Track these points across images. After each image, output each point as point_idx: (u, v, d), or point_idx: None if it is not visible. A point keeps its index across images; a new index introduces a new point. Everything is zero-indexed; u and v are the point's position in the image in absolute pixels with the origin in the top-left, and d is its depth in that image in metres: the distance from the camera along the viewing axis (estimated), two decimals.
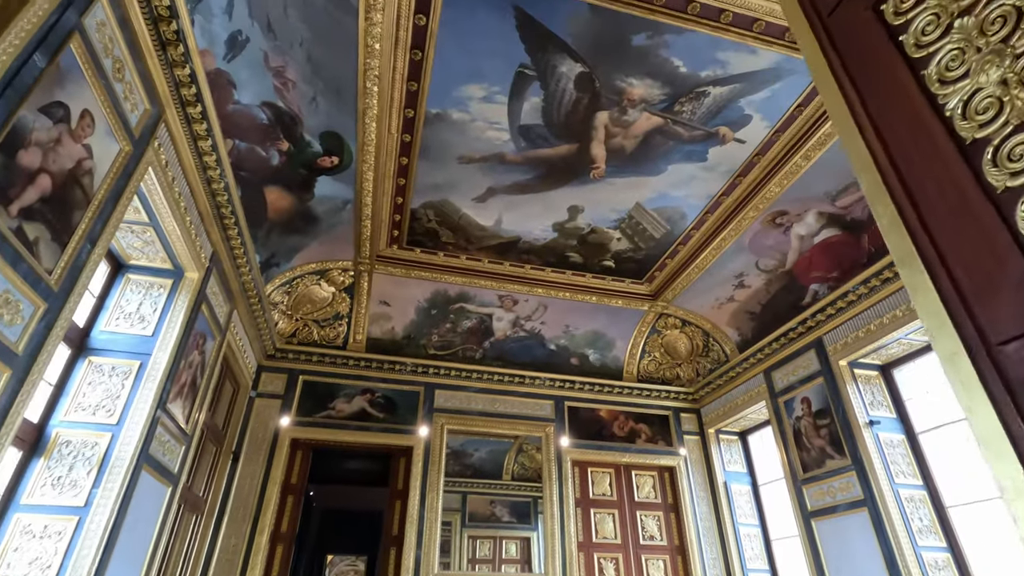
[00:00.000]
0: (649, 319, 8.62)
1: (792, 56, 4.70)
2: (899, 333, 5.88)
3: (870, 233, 6.05)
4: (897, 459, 5.96)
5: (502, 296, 8.01)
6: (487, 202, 6.39)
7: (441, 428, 7.80)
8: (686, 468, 8.49)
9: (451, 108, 5.18)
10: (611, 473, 8.31)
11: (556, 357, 8.74)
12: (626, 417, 8.69)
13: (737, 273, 7.40)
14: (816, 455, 6.65)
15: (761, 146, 5.63)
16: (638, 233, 6.91)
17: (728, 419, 8.44)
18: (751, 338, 7.92)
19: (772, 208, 6.32)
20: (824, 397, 6.63)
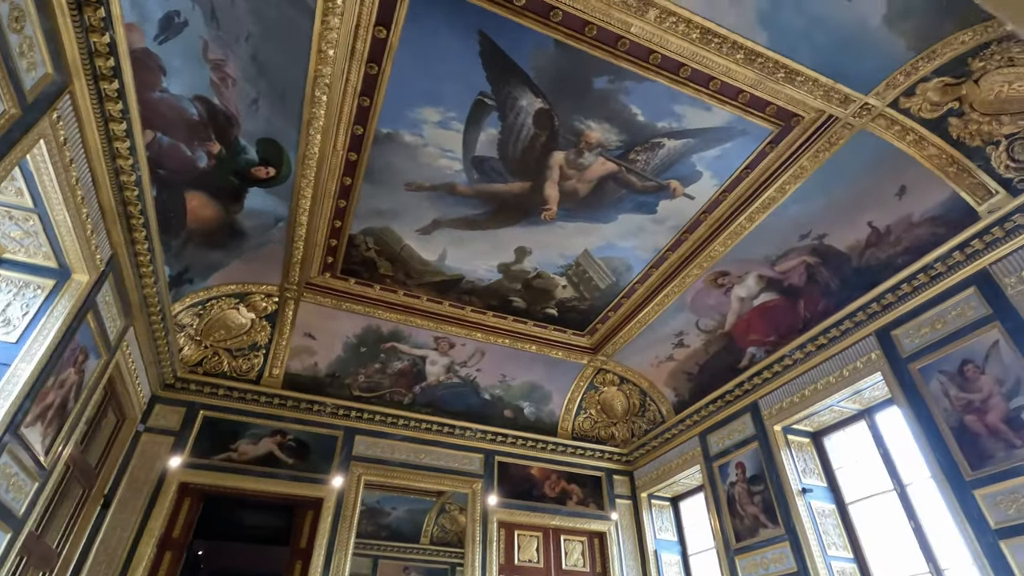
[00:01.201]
0: (588, 374, 8.40)
1: (744, 117, 4.85)
2: (831, 400, 5.93)
3: (806, 299, 6.20)
4: (829, 529, 5.86)
5: (438, 338, 7.58)
6: (432, 235, 6.08)
7: (358, 479, 7.05)
8: (617, 534, 8.08)
9: (404, 130, 4.95)
10: (539, 537, 7.76)
11: (490, 408, 8.29)
12: (558, 477, 8.25)
13: (677, 332, 7.39)
14: (750, 523, 6.46)
15: (709, 204, 5.72)
16: (584, 282, 6.79)
17: (661, 483, 8.19)
18: (688, 399, 7.83)
19: (715, 268, 6.40)
20: (759, 463, 6.53)
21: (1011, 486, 4.21)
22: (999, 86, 4.31)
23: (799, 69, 4.38)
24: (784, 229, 5.82)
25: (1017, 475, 4.19)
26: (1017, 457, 4.23)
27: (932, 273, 5.04)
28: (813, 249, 5.89)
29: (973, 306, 4.76)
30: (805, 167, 5.19)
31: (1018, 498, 4.17)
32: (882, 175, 5.12)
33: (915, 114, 4.68)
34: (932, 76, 4.42)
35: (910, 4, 3.88)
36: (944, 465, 4.67)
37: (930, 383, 4.94)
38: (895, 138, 4.84)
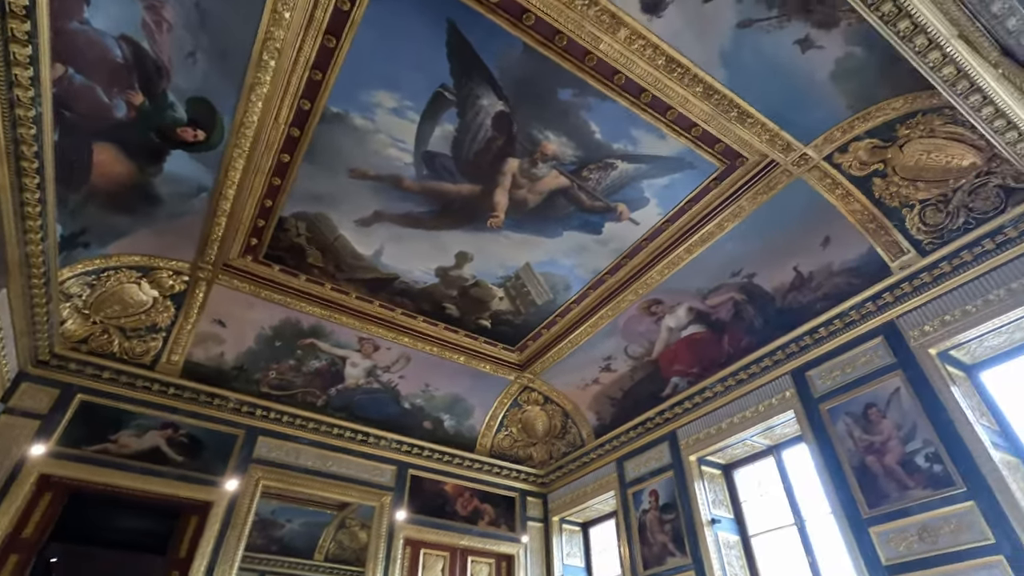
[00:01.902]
0: (513, 390, 8.27)
1: (695, 151, 5.00)
2: (745, 434, 6.14)
3: (731, 335, 6.44)
4: (732, 560, 6.00)
5: (363, 339, 7.18)
6: (371, 228, 5.78)
7: (256, 483, 6.46)
8: (525, 558, 7.90)
9: (355, 112, 4.68)
10: (446, 557, 7.43)
11: (409, 418, 7.93)
12: (472, 495, 7.99)
13: (606, 355, 7.44)
14: (658, 551, 6.51)
15: (651, 231, 5.83)
16: (521, 296, 6.69)
17: (574, 508, 8.14)
18: (609, 424, 7.88)
19: (650, 295, 6.52)
20: (672, 492, 6.62)
21: (902, 525, 4.47)
22: (919, 154, 4.71)
23: (750, 111, 4.57)
24: (718, 265, 6.04)
25: (908, 515, 4.46)
26: (909, 498, 4.51)
27: (847, 320, 5.37)
28: (742, 287, 6.14)
29: (880, 354, 5.10)
30: (744, 207, 5.42)
31: (908, 537, 4.43)
32: (811, 224, 5.44)
33: (846, 170, 5.02)
34: (864, 136, 4.76)
35: (854, 65, 4.17)
36: (844, 502, 4.91)
37: (837, 424, 5.22)
38: (826, 190, 5.16)
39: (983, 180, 4.61)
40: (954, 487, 4.27)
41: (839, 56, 4.11)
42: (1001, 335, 4.61)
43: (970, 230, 4.68)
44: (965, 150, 4.53)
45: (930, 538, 4.29)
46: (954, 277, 4.72)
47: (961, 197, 4.74)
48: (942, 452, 4.42)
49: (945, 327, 4.71)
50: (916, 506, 4.44)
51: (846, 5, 3.61)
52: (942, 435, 4.45)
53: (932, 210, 4.89)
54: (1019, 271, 4.37)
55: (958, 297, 4.70)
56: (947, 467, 4.35)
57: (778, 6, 3.83)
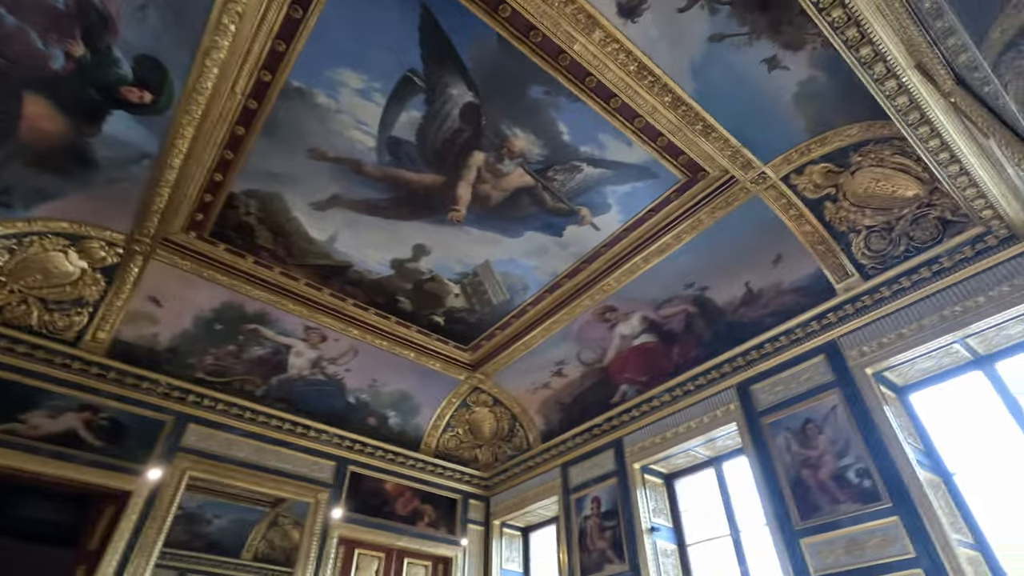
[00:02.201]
0: (463, 390, 8.14)
1: (659, 161, 5.05)
2: (688, 444, 6.23)
3: (681, 346, 6.54)
4: (669, 569, 6.07)
5: (311, 328, 6.91)
6: (326, 212, 5.56)
7: (182, 474, 6.08)
8: (464, 561, 7.76)
9: (318, 88, 4.49)
10: (381, 558, 7.20)
11: (353, 412, 7.68)
12: (413, 495, 7.80)
13: (559, 360, 7.43)
14: (596, 558, 6.52)
15: (611, 238, 5.86)
16: (478, 294, 6.60)
17: (516, 512, 8.07)
18: (557, 429, 7.87)
19: (606, 302, 6.55)
20: (614, 499, 6.65)
21: (831, 537, 4.62)
22: (868, 182, 4.92)
23: (715, 126, 4.66)
24: (673, 276, 6.13)
25: (837, 528, 4.62)
26: (839, 511, 4.66)
27: (792, 337, 5.54)
28: (695, 299, 6.26)
29: (821, 372, 5.29)
30: (702, 220, 5.52)
31: (835, 549, 4.58)
32: (764, 242, 5.59)
33: (800, 191, 5.19)
34: (820, 160, 4.93)
35: (815, 89, 4.31)
36: (779, 514, 5.04)
37: (777, 437, 5.36)
38: (780, 210, 5.32)
39: (924, 211, 4.86)
40: (881, 502, 4.45)
41: (802, 79, 4.24)
42: (931, 359, 4.85)
43: (909, 258, 4.92)
44: (910, 181, 4.76)
45: (857, 551, 4.45)
46: (892, 302, 4.94)
47: (903, 226, 4.98)
48: (872, 468, 4.60)
49: (882, 349, 4.93)
50: (846, 519, 4.59)
51: (813, 28, 3.72)
52: (873, 452, 4.64)
53: (877, 236, 5.11)
54: (950, 299, 4.61)
55: (895, 321, 4.92)
56: (876, 483, 4.53)
57: (749, 23, 3.91)
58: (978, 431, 4.73)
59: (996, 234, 4.41)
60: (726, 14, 3.90)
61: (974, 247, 4.54)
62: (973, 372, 4.83)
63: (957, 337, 4.59)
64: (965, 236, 4.58)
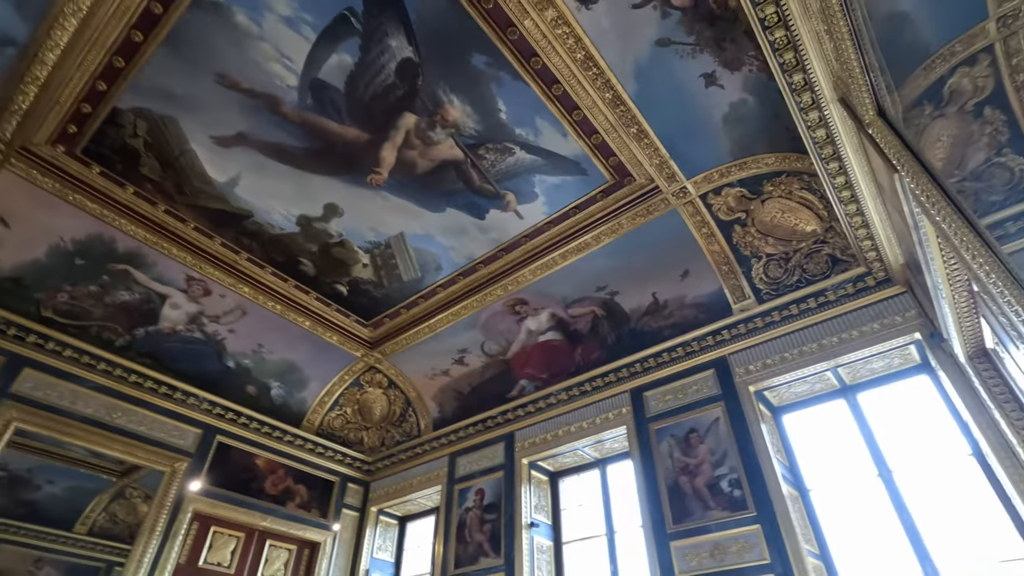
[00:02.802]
0: (358, 368, 7.73)
1: (591, 158, 5.05)
2: (578, 444, 6.31)
3: (584, 347, 6.62)
4: (543, 565, 6.09)
5: (194, 279, 6.21)
6: (230, 150, 5.01)
7: (6, 424, 5.20)
8: (333, 547, 7.34)
9: (239, 6, 4.00)
10: (240, 538, 6.62)
11: (229, 378, 7.01)
12: (286, 473, 7.27)
13: (462, 348, 7.26)
14: (473, 551, 6.40)
15: (533, 229, 5.79)
16: (388, 267, 6.27)
17: (396, 500, 7.77)
18: (450, 418, 7.68)
19: (518, 294, 6.48)
20: (498, 492, 6.59)
21: (698, 541, 4.83)
22: (775, 212, 5.23)
23: (649, 132, 4.72)
24: (587, 276, 6.18)
25: (706, 532, 4.84)
26: (709, 518, 4.89)
27: (688, 350, 5.78)
28: (604, 303, 6.35)
29: (709, 385, 5.54)
30: (623, 225, 5.61)
31: (700, 552, 4.79)
32: (676, 255, 5.79)
33: (715, 212, 5.42)
34: (736, 184, 5.18)
35: (744, 113, 4.50)
36: (654, 516, 5.20)
37: (662, 443, 5.55)
38: (695, 227, 5.53)
39: (818, 247, 5.24)
40: (747, 511, 4.71)
41: (734, 100, 4.41)
42: (805, 384, 5.24)
43: (800, 288, 5.29)
44: (811, 217, 5.12)
45: (720, 555, 4.68)
46: (781, 326, 5.29)
47: (799, 258, 5.35)
48: (743, 479, 4.86)
49: (766, 369, 5.25)
50: (714, 525, 4.82)
51: (752, 51, 3.87)
52: (746, 465, 4.91)
53: (775, 264, 5.45)
54: (830, 330, 5.00)
55: (780, 344, 5.26)
56: (744, 493, 4.80)
57: (696, 34, 3.99)
58: (834, 454, 5.17)
59: (875, 275, 4.84)
60: (676, 20, 3.95)
61: (855, 285, 4.96)
62: (838, 400, 5.27)
63: (830, 366, 4.99)
64: (849, 274, 5.00)
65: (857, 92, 2.57)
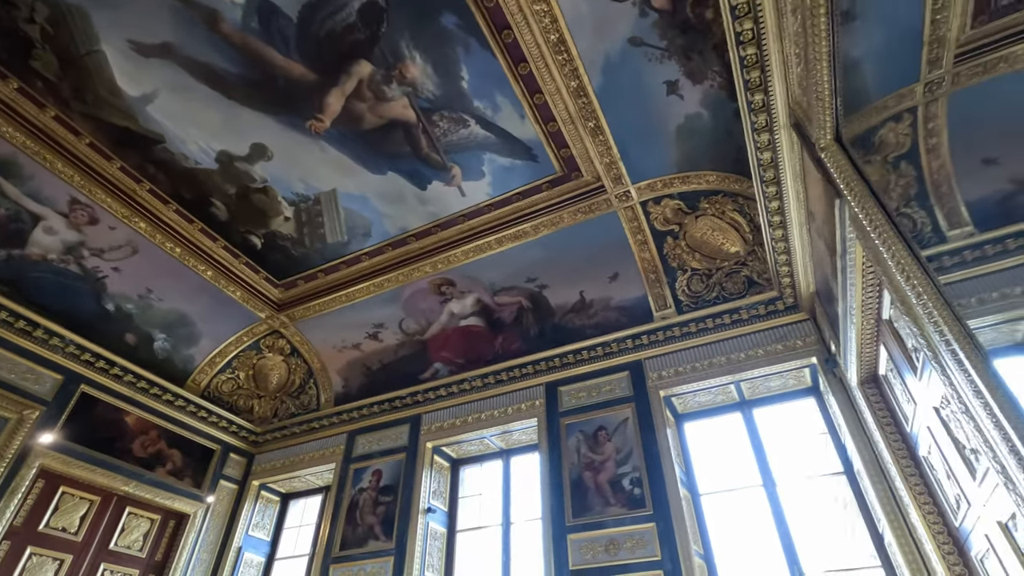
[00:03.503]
0: (260, 330, 7.14)
1: (544, 146, 4.99)
2: (486, 432, 6.24)
3: (506, 336, 6.57)
4: (434, 552, 5.94)
5: (78, 203, 5.41)
6: (149, 62, 4.40)
7: None
8: (203, 521, 6.70)
9: None
10: (94, 502, 5.85)
11: (107, 322, 6.19)
12: (160, 435, 6.54)
13: (378, 323, 6.94)
14: (362, 533, 6.12)
15: (474, 209, 5.65)
16: (312, 225, 5.84)
17: (282, 475, 7.27)
18: (355, 394, 7.31)
19: (446, 274, 6.30)
20: (398, 475, 6.35)
21: (595, 536, 4.93)
22: (706, 229, 5.49)
23: (605, 129, 4.76)
24: (519, 266, 6.13)
25: (603, 527, 4.95)
26: (608, 514, 5.01)
27: (607, 350, 5.90)
28: (531, 295, 6.34)
29: (622, 386, 5.70)
30: (563, 219, 5.62)
31: (596, 547, 4.89)
32: (608, 257, 5.90)
33: (652, 221, 5.58)
34: (676, 196, 5.37)
35: (697, 126, 4.67)
36: (555, 509, 5.25)
37: (570, 438, 5.62)
38: (631, 232, 5.67)
39: (738, 268, 5.57)
40: (644, 509, 4.88)
41: (690, 113, 4.56)
42: (708, 394, 5.53)
43: (718, 303, 5.58)
44: (736, 239, 5.43)
45: (614, 549, 4.80)
46: (696, 337, 5.55)
47: (719, 276, 5.64)
48: (644, 479, 5.03)
49: (677, 376, 5.48)
50: (611, 520, 4.94)
51: (717, 66, 4.01)
52: (648, 465, 5.09)
53: (698, 279, 5.72)
54: (738, 346, 5.32)
55: (692, 355, 5.52)
56: (644, 492, 4.97)
57: (668, 40, 4.07)
58: (725, 462, 5.51)
59: (785, 301, 5.22)
60: (652, 22, 4.00)
61: (767, 307, 5.32)
62: (735, 413, 5.62)
63: (734, 379, 5.30)
64: (763, 297, 5.35)
65: (820, 114, 2.72)
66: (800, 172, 3.66)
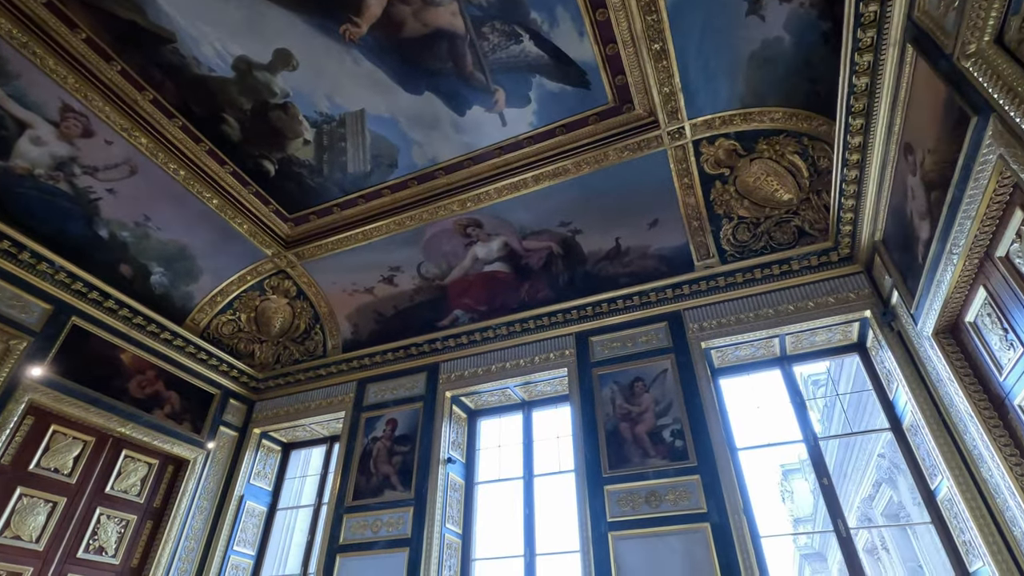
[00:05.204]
0: (265, 269, 6.65)
1: (599, 71, 4.56)
2: (509, 382, 5.95)
3: (532, 283, 6.22)
4: (454, 503, 5.71)
5: (72, 111, 4.80)
6: None
7: None
8: (204, 467, 6.33)
9: None
10: (88, 443, 5.42)
11: (100, 249, 5.64)
12: (158, 376, 6.08)
13: (395, 265, 6.51)
14: (377, 483, 5.83)
15: (513, 141, 5.21)
16: (333, 150, 5.33)
17: (285, 423, 6.89)
18: (365, 341, 6.92)
19: (474, 213, 5.89)
20: (415, 424, 6.05)
21: (635, 487, 4.73)
22: (759, 174, 5.17)
23: (671, 52, 4.34)
24: (553, 208, 5.76)
25: (642, 479, 4.74)
26: (648, 465, 4.80)
27: (644, 300, 5.62)
28: (563, 240, 5.99)
29: (660, 337, 5.44)
30: (607, 156, 5.23)
31: (635, 498, 4.69)
32: (650, 201, 5.56)
33: (701, 163, 5.24)
34: (733, 136, 5.02)
35: (774, 54, 4.29)
36: (589, 460, 5.02)
37: (604, 389, 5.36)
38: (677, 175, 5.32)
39: (788, 218, 5.29)
40: (688, 461, 4.68)
41: (769, 37, 4.18)
42: (750, 348, 5.31)
43: (766, 254, 5.32)
44: (791, 185, 5.13)
45: (656, 501, 4.60)
46: (741, 289, 5.29)
47: (768, 225, 5.36)
48: (687, 431, 4.82)
49: (719, 328, 5.24)
50: (652, 472, 4.74)
51: None
52: (691, 417, 4.87)
53: (744, 228, 5.43)
54: (787, 298, 5.08)
55: (736, 306, 5.27)
56: (687, 444, 4.76)
57: None
58: (758, 419, 5.34)
59: (840, 251, 4.97)
60: None
61: (819, 258, 5.07)
62: (774, 370, 5.43)
63: (780, 332, 5.08)
64: (815, 247, 5.09)
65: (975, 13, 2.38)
66: (904, 99, 3.34)
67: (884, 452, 8.90)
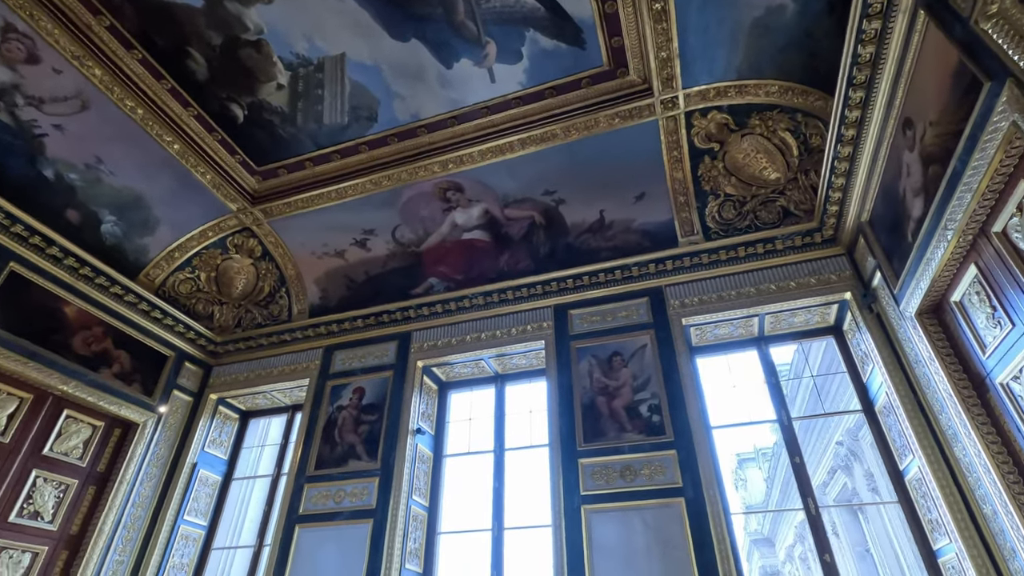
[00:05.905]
0: (229, 224, 6.25)
1: (596, 30, 4.37)
2: (484, 353, 5.78)
3: (512, 253, 6.04)
4: (420, 475, 5.53)
5: (16, 33, 4.32)
6: None
7: None
8: (154, 432, 5.95)
9: None
10: (25, 400, 5.00)
11: (44, 191, 5.17)
12: (106, 333, 5.66)
13: (368, 228, 6.21)
14: (342, 452, 5.60)
15: (501, 101, 4.99)
16: (309, 98, 4.99)
17: (244, 389, 6.55)
18: (333, 307, 6.62)
19: (456, 176, 5.65)
20: (383, 393, 5.82)
21: (610, 461, 4.64)
22: (749, 150, 5.10)
23: (671, 12, 4.16)
24: (538, 175, 5.57)
25: (617, 453, 4.66)
26: (624, 440, 4.72)
27: (625, 274, 5.51)
28: (546, 210, 5.82)
29: (640, 312, 5.35)
30: (598, 123, 5.07)
31: (610, 472, 4.61)
32: (637, 174, 5.43)
33: (692, 136, 5.13)
34: (726, 109, 4.92)
35: (775, 22, 4.18)
36: (564, 433, 4.91)
37: (582, 362, 5.25)
38: (667, 147, 5.21)
39: (774, 198, 5.25)
40: (664, 436, 4.62)
41: (773, 4, 4.06)
42: (730, 327, 5.28)
43: (750, 232, 5.27)
44: (780, 164, 5.08)
45: (630, 476, 4.53)
46: (724, 266, 5.24)
47: (754, 204, 5.31)
48: (664, 406, 4.76)
49: (700, 305, 5.18)
50: (628, 447, 4.66)
51: None
52: (669, 393, 4.81)
53: (730, 206, 5.37)
54: (770, 277, 5.05)
55: (718, 284, 5.22)
56: (664, 419, 4.69)
57: None
58: (731, 398, 5.32)
59: (824, 232, 4.96)
60: None
61: (803, 238, 5.05)
62: (751, 350, 5.42)
63: (761, 311, 5.05)
64: (799, 227, 5.06)
65: None
66: (908, 69, 3.27)
67: (843, 440, 9.20)
